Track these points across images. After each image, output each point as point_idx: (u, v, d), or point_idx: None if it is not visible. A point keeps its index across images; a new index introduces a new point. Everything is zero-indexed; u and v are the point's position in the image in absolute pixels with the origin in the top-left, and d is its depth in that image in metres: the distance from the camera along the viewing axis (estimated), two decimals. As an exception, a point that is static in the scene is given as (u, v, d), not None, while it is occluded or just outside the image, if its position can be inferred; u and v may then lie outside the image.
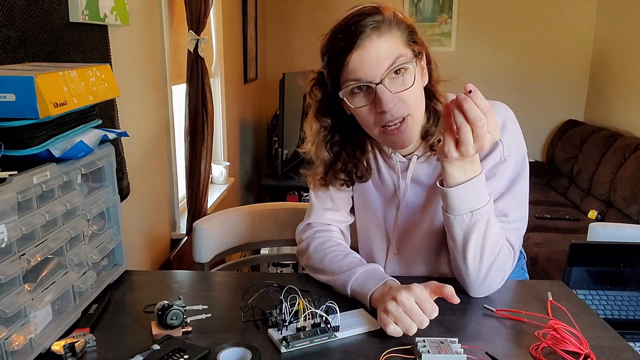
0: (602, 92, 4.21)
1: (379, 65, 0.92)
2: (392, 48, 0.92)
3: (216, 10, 2.93)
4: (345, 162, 1.09)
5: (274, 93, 3.63)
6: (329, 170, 1.10)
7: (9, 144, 0.78)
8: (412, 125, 0.98)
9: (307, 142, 1.11)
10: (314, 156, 1.11)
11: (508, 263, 1.01)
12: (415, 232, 1.12)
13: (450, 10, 4.36)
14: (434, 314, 0.86)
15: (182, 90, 2.33)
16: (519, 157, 1.02)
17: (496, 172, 1.01)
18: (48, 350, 0.80)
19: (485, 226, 0.94)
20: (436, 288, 0.90)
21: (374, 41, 0.92)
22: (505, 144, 1.00)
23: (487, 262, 0.97)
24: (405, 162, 1.09)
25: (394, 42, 0.93)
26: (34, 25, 1.19)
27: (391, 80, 0.94)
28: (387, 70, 0.92)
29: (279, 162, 3.31)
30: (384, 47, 0.92)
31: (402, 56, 0.93)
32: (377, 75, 0.93)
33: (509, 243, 1.02)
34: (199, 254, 1.41)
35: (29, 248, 0.77)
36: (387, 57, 0.92)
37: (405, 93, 0.94)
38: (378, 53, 0.92)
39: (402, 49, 0.94)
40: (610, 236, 1.47)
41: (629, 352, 0.84)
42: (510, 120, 1.02)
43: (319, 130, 1.08)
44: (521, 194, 1.03)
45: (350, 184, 1.13)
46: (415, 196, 1.10)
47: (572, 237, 3.03)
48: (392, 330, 0.84)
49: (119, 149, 1.63)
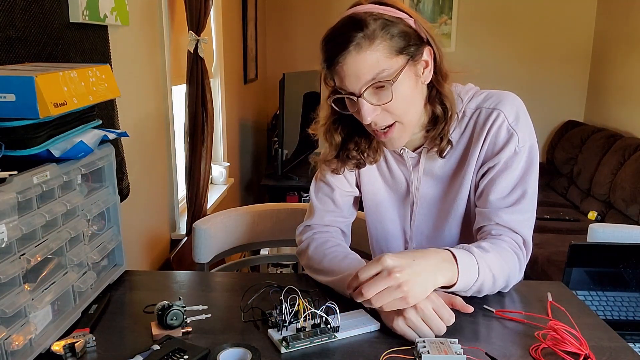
0: (602, 93, 4.21)
1: (358, 81, 0.93)
2: (373, 64, 0.91)
3: (216, 11, 2.94)
4: (358, 143, 1.09)
5: (274, 93, 3.64)
6: (340, 150, 1.10)
7: (9, 144, 0.78)
8: (401, 131, 0.99)
9: (318, 123, 1.11)
10: (323, 138, 1.11)
11: (521, 264, 1.02)
12: (433, 225, 1.12)
13: (450, 11, 4.36)
14: (452, 320, 0.86)
15: (182, 91, 2.33)
16: (530, 147, 1.03)
17: (512, 164, 1.02)
18: (48, 350, 0.80)
19: (492, 275, 0.95)
20: (447, 299, 0.90)
21: (353, 58, 0.91)
22: (520, 136, 1.01)
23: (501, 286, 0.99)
24: (415, 156, 1.09)
25: (376, 57, 0.91)
26: (34, 25, 1.19)
27: (374, 92, 0.94)
28: (366, 85, 0.93)
29: (278, 162, 3.31)
30: (363, 63, 0.91)
31: (383, 71, 0.92)
32: (356, 89, 0.94)
33: (520, 236, 1.03)
34: (199, 255, 1.41)
35: (29, 248, 0.77)
36: (366, 73, 0.92)
37: (388, 105, 0.95)
38: (357, 69, 0.92)
39: (385, 62, 0.92)
40: (610, 237, 1.47)
41: (628, 353, 0.84)
42: (522, 111, 1.03)
43: (329, 115, 1.08)
44: (532, 182, 1.03)
45: (362, 164, 1.12)
46: (430, 189, 1.11)
47: (572, 238, 3.02)
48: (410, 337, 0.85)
49: (119, 149, 1.63)
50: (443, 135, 1.03)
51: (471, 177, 1.06)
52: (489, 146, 1.03)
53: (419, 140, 1.08)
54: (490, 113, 1.02)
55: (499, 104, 1.02)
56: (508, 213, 1.02)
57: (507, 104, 1.02)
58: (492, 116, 1.02)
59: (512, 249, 1.01)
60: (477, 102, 1.05)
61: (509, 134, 1.01)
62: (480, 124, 1.03)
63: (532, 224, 1.05)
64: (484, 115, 1.03)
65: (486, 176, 1.04)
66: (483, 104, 1.04)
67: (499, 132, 1.01)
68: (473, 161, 1.05)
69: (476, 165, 1.05)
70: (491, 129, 1.02)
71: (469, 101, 1.06)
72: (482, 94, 1.06)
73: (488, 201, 1.03)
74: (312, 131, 1.13)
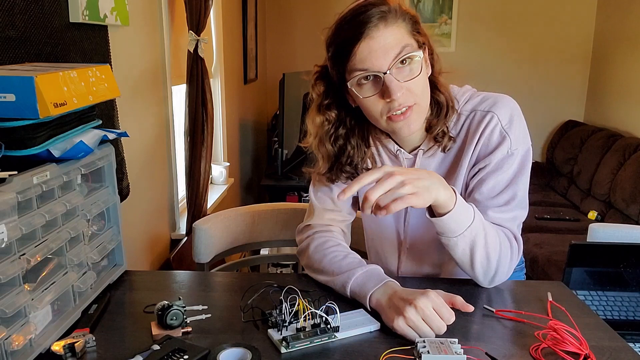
0: (602, 93, 4.21)
1: (386, 55, 0.93)
2: (399, 38, 0.93)
3: (216, 11, 2.94)
4: (351, 155, 1.09)
5: (274, 93, 3.64)
6: (334, 164, 1.10)
7: (9, 144, 0.78)
8: (418, 113, 0.99)
9: (309, 136, 1.11)
10: (315, 150, 1.11)
11: (513, 254, 1.03)
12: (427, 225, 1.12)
13: (450, 11, 4.36)
14: (452, 319, 0.86)
15: (182, 91, 2.33)
16: (524, 151, 1.03)
17: (503, 165, 1.02)
18: (48, 350, 0.80)
19: (484, 232, 0.96)
20: (447, 299, 0.90)
21: (380, 31, 0.92)
22: (512, 139, 1.01)
23: (494, 263, 0.99)
24: (411, 158, 1.09)
25: (400, 32, 0.94)
26: (34, 25, 1.19)
27: (398, 69, 0.95)
28: (395, 59, 0.93)
29: (278, 162, 3.31)
30: (390, 36, 0.93)
31: (408, 46, 0.94)
32: (385, 65, 0.93)
33: (510, 232, 1.04)
34: (199, 255, 1.41)
35: (29, 248, 0.77)
36: (394, 47, 0.93)
37: (412, 82, 0.95)
38: (385, 42, 0.93)
39: (407, 38, 0.95)
40: (610, 237, 1.47)
41: (629, 352, 0.84)
42: (517, 114, 1.03)
43: (322, 123, 1.08)
44: (523, 185, 1.04)
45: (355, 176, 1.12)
46: None
47: (572, 237, 3.03)
48: (411, 336, 0.85)
49: (119, 149, 1.63)
50: (444, 131, 1.04)
51: (463, 177, 1.06)
52: (481, 148, 1.03)
53: (417, 140, 1.08)
54: (485, 115, 1.03)
55: (493, 107, 1.03)
56: (497, 212, 1.03)
57: (501, 107, 1.02)
58: (486, 118, 1.02)
59: (506, 236, 1.03)
60: (473, 104, 1.05)
61: (501, 137, 1.01)
62: (475, 126, 1.04)
63: (520, 224, 1.06)
64: (479, 117, 1.03)
65: (476, 176, 1.04)
66: (478, 106, 1.04)
67: (492, 134, 1.02)
68: (466, 162, 1.05)
69: (468, 166, 1.05)
70: (484, 131, 1.02)
71: (465, 103, 1.06)
72: (478, 97, 1.06)
73: (476, 199, 1.04)
74: (304, 144, 1.13)
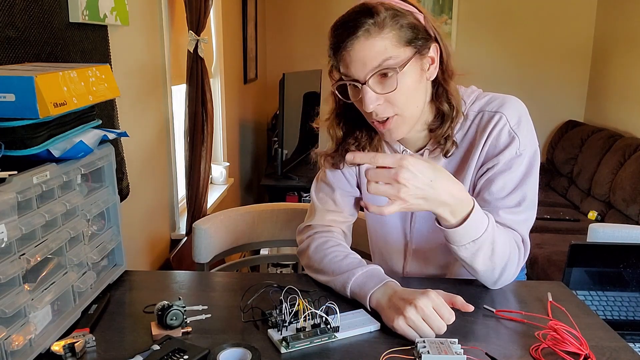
0: (602, 93, 4.21)
1: (364, 67, 0.93)
2: (380, 51, 0.92)
3: (216, 11, 2.93)
4: (358, 139, 1.10)
5: (274, 93, 3.64)
6: (340, 145, 1.11)
7: (9, 144, 0.78)
8: (400, 124, 0.99)
9: (322, 116, 1.12)
10: (327, 132, 1.12)
11: (520, 258, 1.02)
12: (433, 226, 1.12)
13: (450, 11, 4.36)
14: (452, 319, 0.86)
15: (182, 91, 2.33)
16: (532, 152, 1.03)
17: (512, 166, 1.02)
18: (48, 350, 0.80)
19: (491, 244, 0.95)
20: (447, 299, 0.90)
21: (361, 43, 0.92)
22: (521, 139, 1.01)
23: (499, 268, 0.99)
24: None
25: (384, 44, 0.92)
26: (34, 25, 1.19)
27: (378, 80, 0.95)
28: (371, 72, 0.93)
29: (278, 162, 3.31)
30: (370, 50, 0.92)
31: (390, 58, 0.92)
32: (362, 76, 0.94)
33: (520, 235, 1.03)
34: (199, 255, 1.41)
35: (29, 248, 0.77)
36: (372, 59, 0.92)
37: (391, 95, 0.95)
38: (364, 55, 0.92)
39: (392, 50, 0.93)
40: (610, 237, 1.47)
41: (629, 352, 0.84)
42: (524, 115, 1.03)
43: (333, 109, 1.10)
44: (532, 186, 1.04)
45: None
46: None
47: (572, 237, 3.02)
48: (411, 336, 0.85)
49: (119, 149, 1.63)
50: (448, 135, 1.03)
51: (471, 178, 1.06)
52: (489, 148, 1.03)
53: (422, 140, 1.08)
54: (493, 116, 1.02)
55: (501, 107, 1.02)
56: (508, 213, 1.02)
57: (509, 108, 1.02)
58: (494, 119, 1.02)
59: (516, 242, 1.02)
60: (480, 105, 1.05)
61: (510, 137, 1.01)
62: (482, 126, 1.03)
63: (529, 226, 1.05)
64: (486, 118, 1.03)
65: (484, 176, 1.04)
66: (486, 107, 1.04)
67: (500, 134, 1.01)
68: (473, 163, 1.05)
69: (476, 166, 1.05)
70: (492, 132, 1.02)
71: (472, 104, 1.06)
72: (485, 97, 1.06)
73: (485, 199, 1.03)
74: (316, 125, 1.15)
